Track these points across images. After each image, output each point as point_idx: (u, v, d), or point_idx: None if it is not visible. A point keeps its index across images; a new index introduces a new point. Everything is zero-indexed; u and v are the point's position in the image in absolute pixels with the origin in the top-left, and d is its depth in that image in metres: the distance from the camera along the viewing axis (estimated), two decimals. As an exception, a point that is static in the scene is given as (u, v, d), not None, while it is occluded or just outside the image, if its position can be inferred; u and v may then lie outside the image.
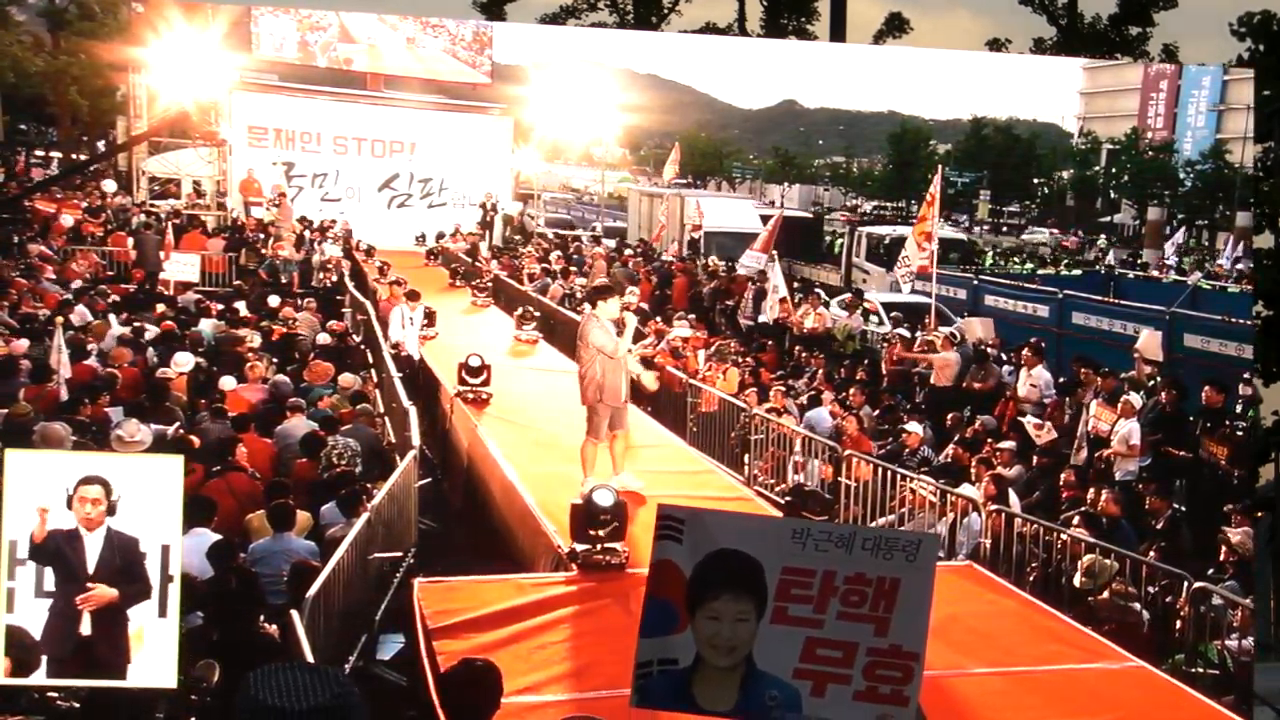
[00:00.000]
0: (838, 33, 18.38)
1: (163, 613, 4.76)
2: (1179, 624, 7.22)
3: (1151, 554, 8.07)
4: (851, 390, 13.19)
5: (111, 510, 4.74)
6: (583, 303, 17.63)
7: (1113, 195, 51.44)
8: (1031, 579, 8.03)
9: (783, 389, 12.95)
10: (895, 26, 20.01)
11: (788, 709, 2.32)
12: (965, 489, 9.54)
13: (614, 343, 8.66)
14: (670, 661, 2.31)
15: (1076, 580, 7.64)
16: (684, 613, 2.32)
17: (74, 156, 24.64)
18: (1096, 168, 52.34)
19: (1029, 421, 11.71)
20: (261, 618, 6.34)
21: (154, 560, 4.78)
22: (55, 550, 4.78)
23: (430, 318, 14.54)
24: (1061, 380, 12.50)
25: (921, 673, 2.25)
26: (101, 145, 24.79)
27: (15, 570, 4.72)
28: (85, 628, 4.74)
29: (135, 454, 8.44)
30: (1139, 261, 32.69)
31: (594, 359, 8.69)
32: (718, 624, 2.27)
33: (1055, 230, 45.51)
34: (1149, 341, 12.55)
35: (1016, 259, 34.98)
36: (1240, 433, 10.57)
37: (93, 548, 4.75)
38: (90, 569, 4.76)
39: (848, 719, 2.32)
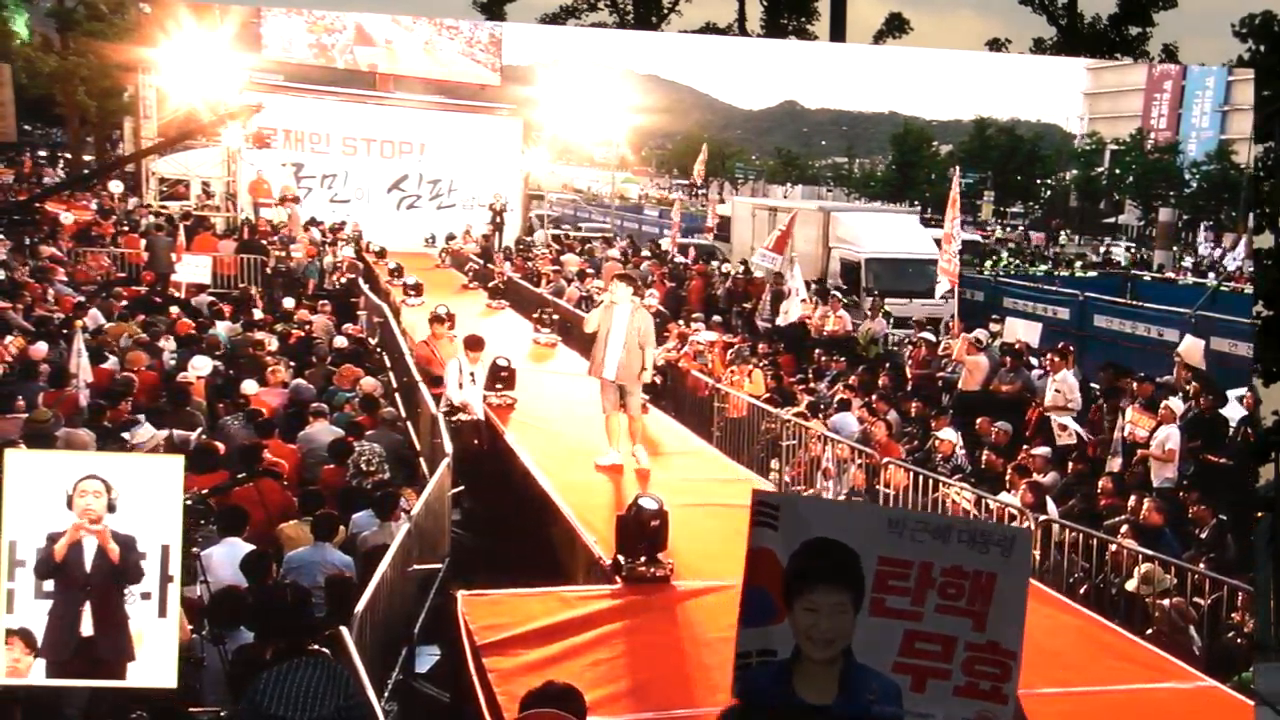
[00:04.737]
0: (838, 33, 18.28)
1: (163, 613, 4.72)
2: (1237, 637, 7.05)
3: (1202, 565, 7.91)
4: (874, 395, 13.01)
5: (111, 508, 4.67)
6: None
7: (1116, 196, 51.38)
8: (1082, 591, 7.86)
9: (809, 395, 12.79)
10: (895, 27, 19.89)
11: (887, 703, 2.24)
12: (1004, 497, 9.37)
13: (593, 321, 9.52)
14: (769, 653, 2.26)
15: (1131, 585, 7.47)
16: (781, 603, 2.24)
17: (84, 158, 24.44)
18: (1100, 169, 52.28)
19: (1055, 421, 11.54)
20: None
21: (154, 560, 4.70)
22: (50, 555, 4.74)
23: (509, 379, 11.51)
24: (1094, 386, 12.32)
25: (1018, 672, 2.16)
26: (109, 147, 24.59)
27: (15, 571, 4.65)
28: (86, 628, 4.69)
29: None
30: (1145, 262, 32.58)
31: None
32: (815, 615, 2.20)
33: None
34: (1192, 348, 12.26)
35: (1018, 260, 34.91)
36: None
37: (90, 546, 4.73)
38: (88, 568, 4.75)
39: (948, 714, 2.26)
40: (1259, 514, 13.51)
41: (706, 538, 8.18)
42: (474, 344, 11.25)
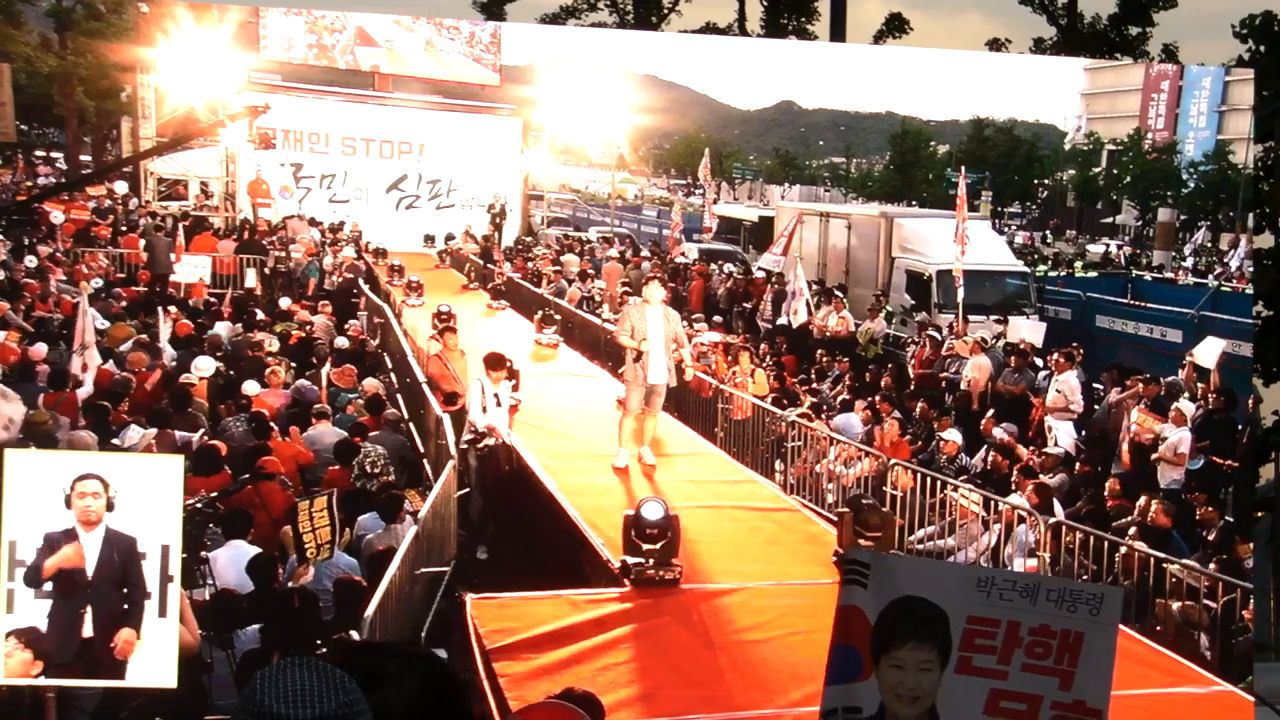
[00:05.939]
0: (838, 33, 18.23)
1: (163, 613, 4.66)
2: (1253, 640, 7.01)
3: (1212, 566, 7.87)
4: (878, 396, 12.97)
5: (110, 507, 4.63)
6: (601, 305, 17.52)
7: (1114, 196, 51.41)
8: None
9: (811, 395, 12.74)
10: (895, 27, 19.85)
11: None
12: (1013, 499, 9.33)
13: (627, 329, 9.49)
14: (854, 710, 2.28)
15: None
16: (869, 660, 2.25)
17: (82, 158, 24.37)
18: (1098, 169, 52.32)
19: (1049, 423, 11.55)
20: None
21: (154, 561, 4.66)
22: (40, 567, 4.67)
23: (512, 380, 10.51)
24: (1096, 387, 12.29)
25: None
26: (108, 146, 24.54)
27: (15, 570, 4.60)
28: (87, 629, 4.65)
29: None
30: (1146, 262, 32.58)
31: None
32: (901, 672, 2.21)
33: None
34: (1205, 351, 11.99)
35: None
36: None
37: (91, 548, 4.66)
38: (90, 571, 4.67)
39: None
40: (1258, 514, 13.49)
41: (712, 539, 8.15)
42: (495, 363, 9.87)
